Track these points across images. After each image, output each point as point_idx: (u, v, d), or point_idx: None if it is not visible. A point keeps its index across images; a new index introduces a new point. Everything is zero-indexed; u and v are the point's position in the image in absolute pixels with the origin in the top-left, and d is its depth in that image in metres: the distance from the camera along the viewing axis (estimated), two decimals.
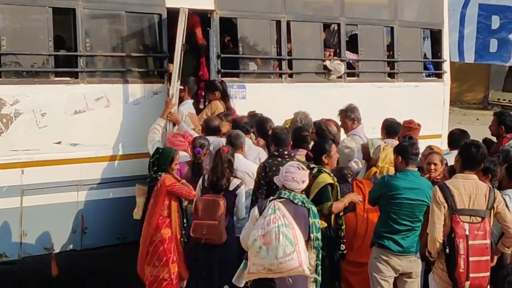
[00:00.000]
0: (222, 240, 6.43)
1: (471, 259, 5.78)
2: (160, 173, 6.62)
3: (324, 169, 6.59)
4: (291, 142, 6.94)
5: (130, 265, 7.22)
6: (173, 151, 6.79)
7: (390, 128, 7.80)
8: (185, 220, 6.70)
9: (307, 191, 6.37)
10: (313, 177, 6.49)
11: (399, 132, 7.73)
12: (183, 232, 6.66)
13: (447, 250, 5.81)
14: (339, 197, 6.48)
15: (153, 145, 7.42)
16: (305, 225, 5.78)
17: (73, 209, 7.65)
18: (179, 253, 6.51)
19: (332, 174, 6.59)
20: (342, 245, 6.51)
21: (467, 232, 5.82)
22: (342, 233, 6.55)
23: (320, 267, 6.05)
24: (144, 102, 8.01)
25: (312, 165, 6.59)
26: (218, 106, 8.03)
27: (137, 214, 7.29)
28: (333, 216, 6.46)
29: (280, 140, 6.86)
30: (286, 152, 6.73)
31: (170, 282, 6.58)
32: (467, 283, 5.82)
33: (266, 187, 6.61)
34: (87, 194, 7.77)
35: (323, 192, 6.51)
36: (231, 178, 6.58)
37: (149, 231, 6.53)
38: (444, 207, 5.81)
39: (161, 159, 6.80)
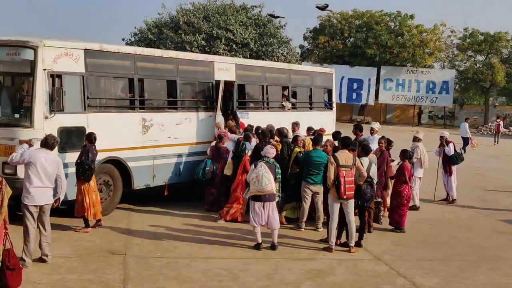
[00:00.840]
0: None
1: (346, 186, 9.62)
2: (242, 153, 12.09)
3: (297, 146, 11.84)
4: (269, 136, 12.51)
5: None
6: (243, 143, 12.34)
7: (309, 131, 13.91)
8: None
9: (289, 155, 11.58)
10: (292, 149, 11.72)
11: (315, 132, 13.74)
12: None
13: (336, 182, 9.62)
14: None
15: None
16: (274, 172, 9.90)
17: (175, 165, 13.13)
18: None
19: (300, 148, 11.81)
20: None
21: (344, 174, 9.62)
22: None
23: (280, 190, 10.52)
24: (205, 119, 13.76)
25: (291, 145, 11.79)
26: (230, 122, 14.16)
27: (227, 170, 12.55)
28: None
29: (264, 135, 12.46)
30: (266, 140, 12.10)
31: None
32: (345, 196, 9.66)
33: (257, 156, 10.96)
34: (181, 159, 13.22)
35: (296, 155, 11.59)
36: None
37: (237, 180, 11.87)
38: (334, 164, 9.69)
39: (240, 147, 12.19)
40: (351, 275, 8.80)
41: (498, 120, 38.78)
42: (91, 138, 10.66)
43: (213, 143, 13.04)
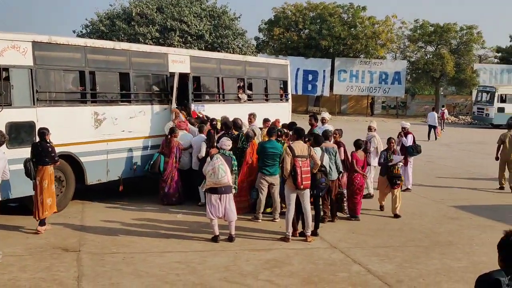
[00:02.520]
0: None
1: (303, 176, 9.65)
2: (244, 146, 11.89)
3: (255, 139, 12.19)
4: (225, 127, 12.46)
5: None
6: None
7: (266, 122, 13.89)
8: None
9: (244, 147, 11.81)
10: (250, 141, 11.94)
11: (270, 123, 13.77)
12: None
13: (293, 173, 9.64)
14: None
15: (166, 127, 13.01)
16: (230, 164, 9.78)
17: (130, 159, 12.96)
18: None
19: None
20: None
21: (300, 165, 9.64)
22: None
23: (236, 182, 10.27)
24: (160, 113, 13.65)
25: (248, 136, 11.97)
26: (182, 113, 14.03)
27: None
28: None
29: (227, 126, 12.44)
30: (229, 132, 12.11)
31: None
32: (302, 186, 9.69)
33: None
34: (136, 153, 13.07)
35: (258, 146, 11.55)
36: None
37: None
38: (290, 155, 9.67)
39: (240, 140, 11.92)
40: (308, 264, 8.85)
41: (443, 108, 39.79)
42: (41, 133, 10.28)
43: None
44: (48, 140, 10.23)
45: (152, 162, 12.63)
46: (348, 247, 9.91)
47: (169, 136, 12.67)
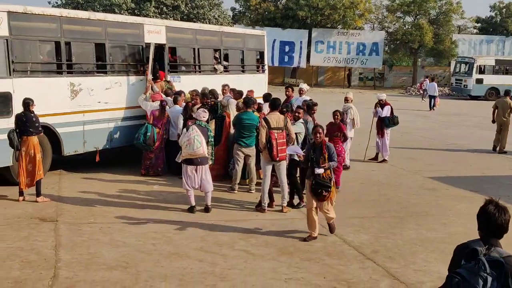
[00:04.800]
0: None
1: (278, 148, 9.71)
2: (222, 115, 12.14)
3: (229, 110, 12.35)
4: (211, 97, 12.59)
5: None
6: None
7: (240, 94, 13.46)
8: None
9: (222, 117, 12.06)
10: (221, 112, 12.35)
11: (243, 95, 13.22)
12: None
13: (268, 145, 9.69)
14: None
15: (141, 101, 13.11)
16: (206, 135, 9.76)
17: (106, 130, 12.92)
18: None
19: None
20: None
21: (276, 137, 9.69)
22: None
23: (213, 152, 10.33)
24: (136, 84, 13.54)
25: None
26: (162, 83, 14.03)
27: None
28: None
29: (205, 96, 12.63)
30: (206, 101, 12.33)
31: None
32: (278, 158, 9.75)
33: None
34: (112, 124, 13.05)
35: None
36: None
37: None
38: (265, 128, 9.73)
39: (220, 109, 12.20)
40: (284, 234, 8.99)
41: (427, 79, 40.06)
42: (25, 103, 10.22)
43: (149, 107, 12.92)
44: (32, 111, 10.20)
45: (145, 133, 12.59)
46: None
47: (161, 108, 12.65)
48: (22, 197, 10.31)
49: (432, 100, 33.32)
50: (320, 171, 8.38)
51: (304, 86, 14.84)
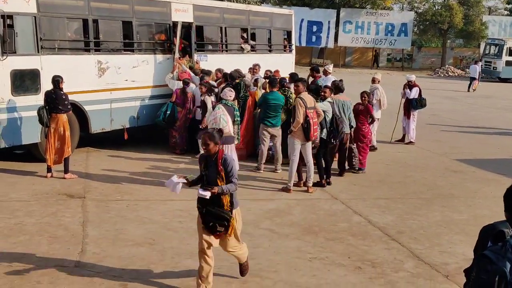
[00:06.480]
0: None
1: (314, 127, 9.81)
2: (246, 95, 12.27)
3: (256, 89, 12.49)
4: (237, 77, 12.54)
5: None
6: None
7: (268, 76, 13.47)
8: None
9: (245, 97, 12.12)
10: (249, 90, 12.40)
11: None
12: None
13: (306, 125, 9.64)
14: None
15: (168, 80, 13.18)
16: (232, 115, 9.95)
17: (133, 109, 13.01)
18: None
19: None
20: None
21: (312, 115, 9.72)
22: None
23: (238, 132, 10.55)
24: (163, 62, 13.57)
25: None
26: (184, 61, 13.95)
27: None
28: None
29: (232, 77, 12.64)
30: (231, 82, 12.33)
31: None
32: (313, 137, 9.85)
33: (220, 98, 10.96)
34: (139, 102, 13.14)
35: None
36: None
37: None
38: (303, 107, 9.61)
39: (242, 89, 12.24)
40: (309, 214, 8.99)
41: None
42: (55, 81, 10.33)
43: (177, 86, 12.94)
44: (61, 88, 10.31)
45: (165, 112, 12.70)
46: (349, 198, 10.03)
47: (184, 87, 12.63)
48: (50, 173, 10.44)
49: (473, 82, 33.05)
50: (205, 194, 5.69)
51: (330, 68, 14.94)
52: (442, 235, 8.34)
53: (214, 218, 5.79)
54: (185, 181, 5.95)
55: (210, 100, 12.05)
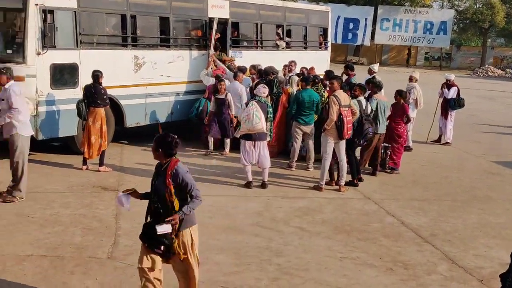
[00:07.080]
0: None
1: (348, 125, 9.70)
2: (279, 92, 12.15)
3: (289, 87, 12.26)
4: (270, 74, 12.47)
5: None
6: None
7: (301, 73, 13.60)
8: None
9: (278, 94, 12.04)
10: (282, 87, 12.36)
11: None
12: None
13: (339, 123, 9.58)
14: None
15: (203, 76, 13.23)
16: (265, 111, 9.81)
17: (168, 104, 13.11)
18: None
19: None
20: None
21: (346, 113, 9.63)
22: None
23: (271, 129, 10.36)
24: (198, 58, 13.66)
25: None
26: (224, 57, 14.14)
27: None
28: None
29: (266, 73, 12.56)
30: (266, 78, 12.25)
31: None
32: (347, 136, 9.75)
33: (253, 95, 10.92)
34: (174, 98, 13.22)
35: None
36: None
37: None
38: (337, 105, 9.57)
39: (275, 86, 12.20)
40: (340, 213, 8.92)
41: None
42: (95, 76, 10.48)
43: (211, 82, 12.90)
44: (100, 83, 10.46)
45: (198, 107, 12.80)
46: (382, 198, 9.92)
47: (217, 83, 12.56)
48: (85, 166, 10.59)
49: None
50: (165, 229, 4.92)
51: (376, 67, 14.51)
52: (477, 238, 8.19)
53: (152, 241, 5.08)
54: (129, 192, 5.24)
55: (245, 95, 12.10)
